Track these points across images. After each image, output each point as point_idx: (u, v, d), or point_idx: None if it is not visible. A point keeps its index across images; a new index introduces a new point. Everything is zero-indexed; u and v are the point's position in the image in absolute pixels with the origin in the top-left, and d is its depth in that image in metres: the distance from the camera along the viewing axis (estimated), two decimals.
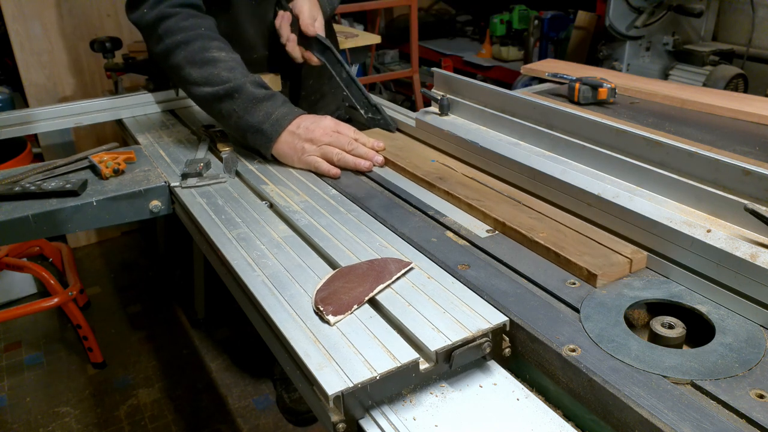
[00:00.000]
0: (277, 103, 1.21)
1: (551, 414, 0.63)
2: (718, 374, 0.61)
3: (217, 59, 1.21)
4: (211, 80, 1.20)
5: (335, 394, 0.60)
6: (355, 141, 1.20)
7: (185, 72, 1.22)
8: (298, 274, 0.82)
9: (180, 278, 2.73)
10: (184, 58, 1.22)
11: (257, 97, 1.20)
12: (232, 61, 1.23)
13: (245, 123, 1.20)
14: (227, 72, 1.20)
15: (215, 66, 1.21)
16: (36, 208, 1.06)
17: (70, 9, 2.76)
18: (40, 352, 2.33)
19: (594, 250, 0.82)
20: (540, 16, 3.41)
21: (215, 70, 1.20)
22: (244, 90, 1.19)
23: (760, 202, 0.74)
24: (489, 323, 0.69)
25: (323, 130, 1.18)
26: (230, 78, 1.20)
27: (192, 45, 1.22)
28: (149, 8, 1.25)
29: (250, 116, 1.19)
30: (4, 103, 2.36)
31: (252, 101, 1.19)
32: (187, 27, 1.23)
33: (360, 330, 0.70)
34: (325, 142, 1.17)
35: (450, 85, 1.27)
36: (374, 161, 1.19)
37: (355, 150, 1.18)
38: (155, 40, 1.25)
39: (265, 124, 1.19)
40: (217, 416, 1.98)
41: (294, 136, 1.18)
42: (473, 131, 1.15)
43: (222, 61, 1.21)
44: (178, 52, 1.22)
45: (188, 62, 1.22)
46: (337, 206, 1.02)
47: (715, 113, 1.34)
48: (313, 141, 1.17)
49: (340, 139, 1.19)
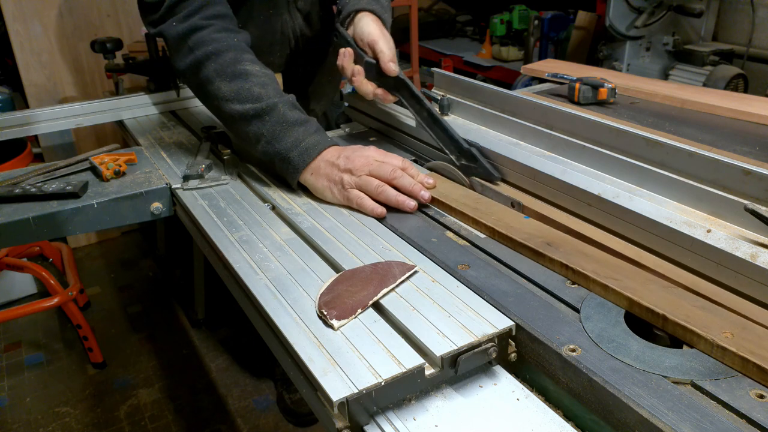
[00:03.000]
0: (309, 130, 1.09)
1: (551, 414, 0.63)
2: (718, 374, 0.61)
3: (249, 72, 1.12)
4: (241, 95, 1.10)
5: (340, 400, 0.60)
6: (400, 170, 1.04)
7: (215, 86, 1.12)
8: (301, 277, 0.82)
9: (180, 278, 2.73)
10: (214, 71, 1.12)
11: (289, 120, 1.09)
12: (265, 76, 1.13)
13: (273, 150, 1.09)
14: (259, 88, 1.10)
15: (246, 80, 1.11)
16: (36, 210, 1.06)
17: (70, 9, 2.76)
18: (40, 352, 2.33)
19: None
20: (540, 16, 3.41)
21: (246, 84, 1.10)
22: (276, 111, 1.09)
23: (760, 202, 0.74)
24: (495, 328, 0.69)
25: (365, 160, 1.04)
26: (262, 95, 1.10)
27: (224, 56, 1.13)
28: (179, 21, 1.16)
29: (278, 142, 1.08)
30: (4, 104, 2.36)
31: (283, 125, 1.08)
32: (220, 39, 1.14)
33: (364, 335, 0.70)
34: (365, 172, 1.03)
35: (450, 85, 1.27)
36: (419, 196, 1.02)
37: (398, 179, 1.02)
38: (184, 52, 1.16)
39: (293, 152, 1.07)
40: (217, 416, 1.98)
41: (332, 167, 1.05)
42: (473, 131, 1.15)
43: (254, 76, 1.12)
44: (208, 64, 1.13)
45: (218, 75, 1.12)
46: (339, 208, 1.02)
47: (715, 113, 1.35)
48: (353, 172, 1.03)
49: (382, 168, 1.03)
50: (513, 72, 3.39)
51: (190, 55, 1.15)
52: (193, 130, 1.46)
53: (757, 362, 0.60)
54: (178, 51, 1.17)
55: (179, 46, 1.17)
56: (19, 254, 2.46)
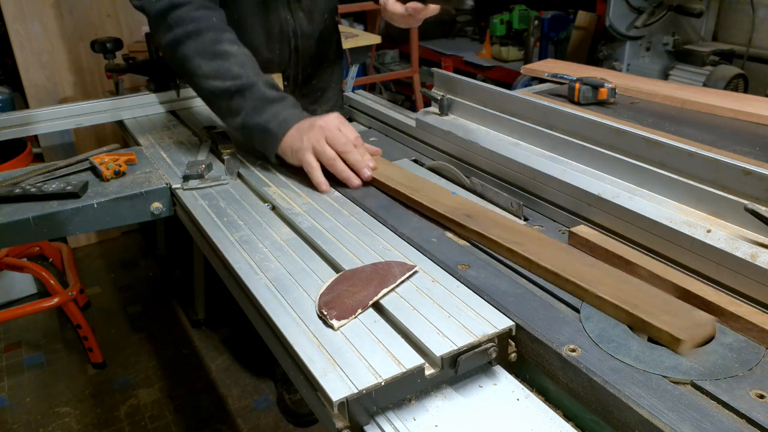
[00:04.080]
0: (286, 105, 1.17)
1: (551, 414, 0.63)
2: (718, 374, 0.61)
3: (228, 53, 1.17)
4: (221, 74, 1.16)
5: (340, 401, 0.60)
6: (352, 144, 1.12)
7: (194, 64, 1.18)
8: (301, 277, 0.82)
9: (180, 278, 2.73)
10: (194, 50, 1.18)
11: (268, 97, 1.16)
12: (244, 56, 1.19)
13: (253, 122, 1.15)
14: (238, 67, 1.16)
15: (226, 59, 1.17)
16: (37, 210, 1.06)
17: (70, 9, 2.76)
18: (40, 352, 2.33)
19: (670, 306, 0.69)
20: (540, 16, 3.41)
21: (226, 64, 1.16)
22: (256, 89, 1.15)
23: (760, 202, 0.74)
24: (495, 328, 0.69)
25: (324, 123, 1.12)
26: (241, 74, 1.16)
27: (203, 36, 1.18)
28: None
29: (258, 116, 1.15)
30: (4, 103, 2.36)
31: (262, 101, 1.15)
32: (199, 17, 1.19)
33: (364, 335, 0.70)
34: (322, 136, 1.11)
35: (450, 85, 1.27)
36: (363, 174, 1.11)
37: (348, 154, 1.11)
38: (164, 29, 1.21)
39: (272, 123, 1.14)
40: (217, 416, 1.98)
41: (299, 131, 1.12)
42: (473, 131, 1.15)
43: (233, 56, 1.18)
44: (188, 43, 1.18)
45: (198, 54, 1.17)
46: (339, 208, 1.02)
47: (715, 113, 1.35)
48: (312, 134, 1.11)
49: (337, 138, 1.11)
50: (513, 72, 3.39)
51: (170, 32, 1.19)
52: (193, 130, 1.46)
53: (626, 308, 0.68)
54: (159, 27, 1.22)
55: (159, 22, 1.21)
56: (19, 254, 2.46)
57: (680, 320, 0.66)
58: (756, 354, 0.64)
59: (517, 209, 0.98)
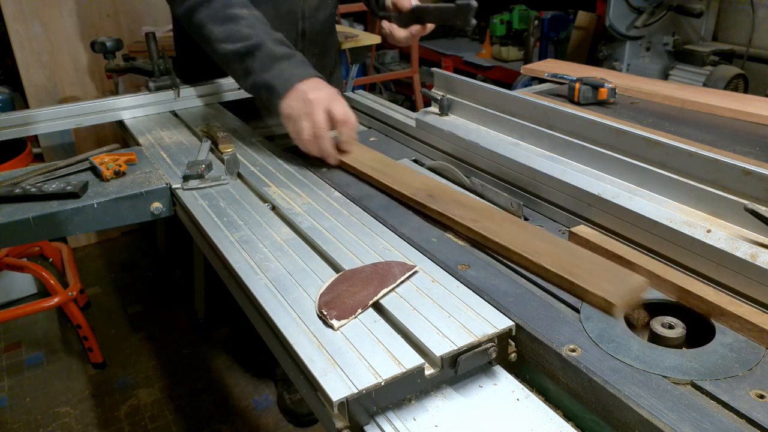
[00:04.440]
0: (294, 63, 1.20)
1: (551, 414, 0.63)
2: (718, 374, 0.61)
3: (238, 16, 1.23)
4: (232, 37, 1.21)
5: (340, 401, 0.60)
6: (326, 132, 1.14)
7: (207, 30, 1.24)
8: (301, 277, 0.82)
9: (180, 278, 2.73)
10: (207, 16, 1.24)
11: (276, 55, 1.20)
12: (254, 18, 1.24)
13: (261, 80, 1.19)
14: (248, 29, 1.21)
15: (237, 23, 1.22)
16: (37, 210, 1.06)
17: (70, 9, 2.76)
18: (40, 352, 2.33)
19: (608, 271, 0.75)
20: (540, 16, 3.41)
21: (237, 27, 1.22)
22: (264, 47, 1.20)
23: (760, 202, 0.74)
24: (495, 328, 0.69)
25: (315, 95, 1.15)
26: (251, 35, 1.21)
27: (214, 2, 1.25)
28: None
29: (266, 73, 1.19)
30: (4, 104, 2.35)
31: (270, 59, 1.19)
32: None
33: (364, 335, 0.70)
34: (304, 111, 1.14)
35: (450, 85, 1.27)
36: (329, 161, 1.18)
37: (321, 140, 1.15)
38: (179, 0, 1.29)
39: (277, 80, 1.18)
40: (217, 416, 1.99)
41: (298, 93, 1.16)
42: (473, 131, 1.15)
43: (243, 18, 1.23)
44: (201, 10, 1.25)
45: (210, 19, 1.24)
46: (339, 208, 1.02)
47: (715, 113, 1.35)
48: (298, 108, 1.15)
49: (316, 120, 1.14)
50: (513, 72, 3.39)
51: (185, 2, 1.27)
52: (193, 130, 1.46)
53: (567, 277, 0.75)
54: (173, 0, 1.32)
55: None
56: (19, 254, 2.46)
57: (614, 286, 0.72)
58: (756, 354, 0.64)
59: (517, 209, 0.98)
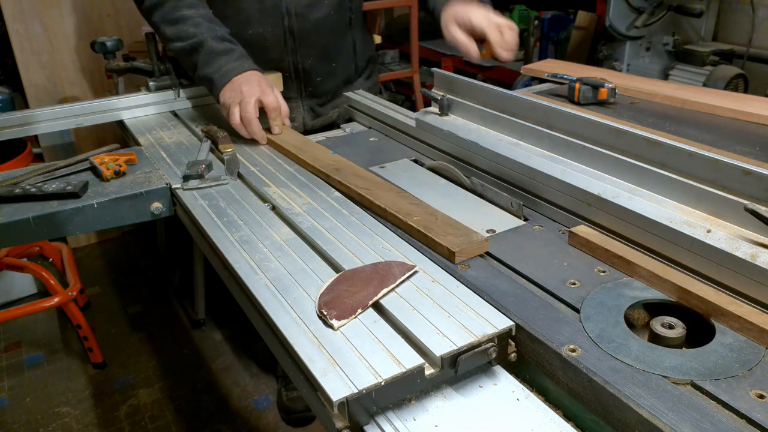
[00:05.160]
0: (232, 57, 1.34)
1: (551, 414, 0.63)
2: (718, 374, 0.61)
3: (186, 16, 1.37)
4: (180, 36, 1.36)
5: (340, 400, 0.60)
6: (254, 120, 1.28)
7: (162, 30, 1.40)
8: (301, 277, 0.82)
9: (180, 278, 2.73)
10: (159, 17, 1.39)
11: (216, 50, 1.34)
12: (199, 17, 1.38)
13: (203, 74, 1.35)
14: (194, 27, 1.36)
15: (184, 23, 1.36)
16: (37, 210, 1.06)
17: (70, 9, 2.76)
18: (40, 352, 2.33)
19: (458, 231, 0.89)
20: (540, 16, 3.41)
21: (184, 27, 1.36)
22: (206, 44, 1.34)
23: (760, 202, 0.74)
24: (495, 328, 0.69)
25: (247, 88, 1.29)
26: (195, 33, 1.35)
27: (165, 4, 1.39)
28: None
29: (207, 68, 1.34)
30: (4, 103, 2.35)
31: (211, 54, 1.34)
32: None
33: (364, 335, 0.70)
34: (236, 101, 1.29)
35: (450, 85, 1.27)
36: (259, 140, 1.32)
37: (249, 125, 1.29)
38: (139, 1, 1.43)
39: (216, 74, 1.32)
40: (217, 416, 1.99)
41: (234, 85, 1.30)
42: (473, 131, 1.15)
43: (190, 18, 1.37)
44: (155, 13, 1.40)
45: (162, 20, 1.39)
46: (339, 208, 1.02)
47: (715, 113, 1.35)
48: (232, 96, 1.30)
49: (245, 107, 1.28)
50: (513, 72, 3.38)
51: (143, 4, 1.43)
52: (193, 130, 1.46)
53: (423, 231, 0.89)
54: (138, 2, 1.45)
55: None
56: (19, 254, 2.46)
57: (458, 239, 0.86)
58: (756, 354, 0.64)
59: (517, 209, 0.98)
